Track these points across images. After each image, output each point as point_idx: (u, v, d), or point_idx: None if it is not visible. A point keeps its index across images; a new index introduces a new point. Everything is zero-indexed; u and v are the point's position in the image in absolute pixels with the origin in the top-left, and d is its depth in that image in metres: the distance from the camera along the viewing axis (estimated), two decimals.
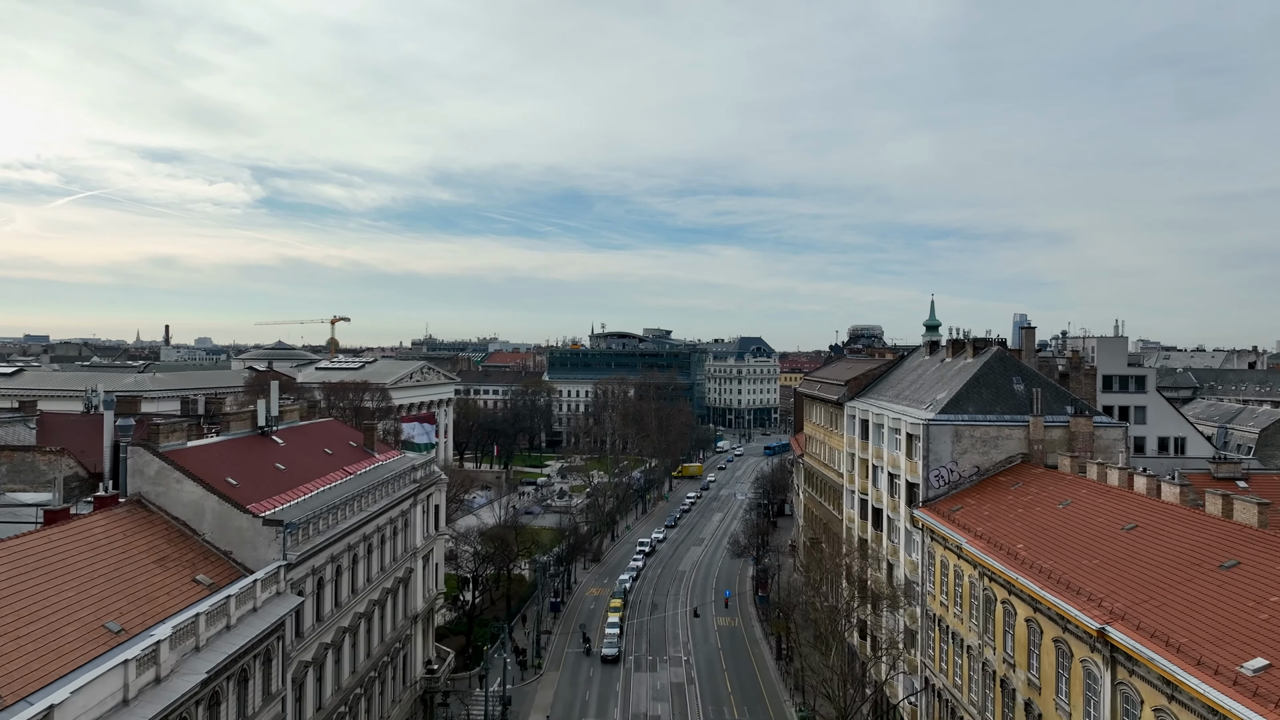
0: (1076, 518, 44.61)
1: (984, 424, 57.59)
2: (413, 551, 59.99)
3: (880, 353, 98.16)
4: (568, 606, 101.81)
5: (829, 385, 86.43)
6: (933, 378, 67.74)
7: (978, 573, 47.38)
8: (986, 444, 57.64)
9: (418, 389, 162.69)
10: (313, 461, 51.33)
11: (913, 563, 59.84)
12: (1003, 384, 60.25)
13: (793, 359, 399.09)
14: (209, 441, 44.96)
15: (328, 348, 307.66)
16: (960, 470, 57.59)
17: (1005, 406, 58.87)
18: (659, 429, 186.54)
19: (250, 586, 35.77)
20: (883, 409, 68.31)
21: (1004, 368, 61.29)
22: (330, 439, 57.14)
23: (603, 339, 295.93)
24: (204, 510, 39.09)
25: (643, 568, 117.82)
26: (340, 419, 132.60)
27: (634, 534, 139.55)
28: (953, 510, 54.05)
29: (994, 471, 57.30)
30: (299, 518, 41.30)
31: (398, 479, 57.58)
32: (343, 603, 46.94)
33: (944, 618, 53.20)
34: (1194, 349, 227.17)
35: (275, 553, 38.89)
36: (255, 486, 42.90)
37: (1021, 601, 41.43)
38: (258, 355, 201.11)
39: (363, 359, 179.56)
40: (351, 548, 48.15)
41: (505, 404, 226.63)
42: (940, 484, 57.47)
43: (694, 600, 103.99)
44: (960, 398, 59.28)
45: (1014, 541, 45.12)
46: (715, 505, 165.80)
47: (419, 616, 61.12)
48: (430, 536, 64.21)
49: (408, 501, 59.16)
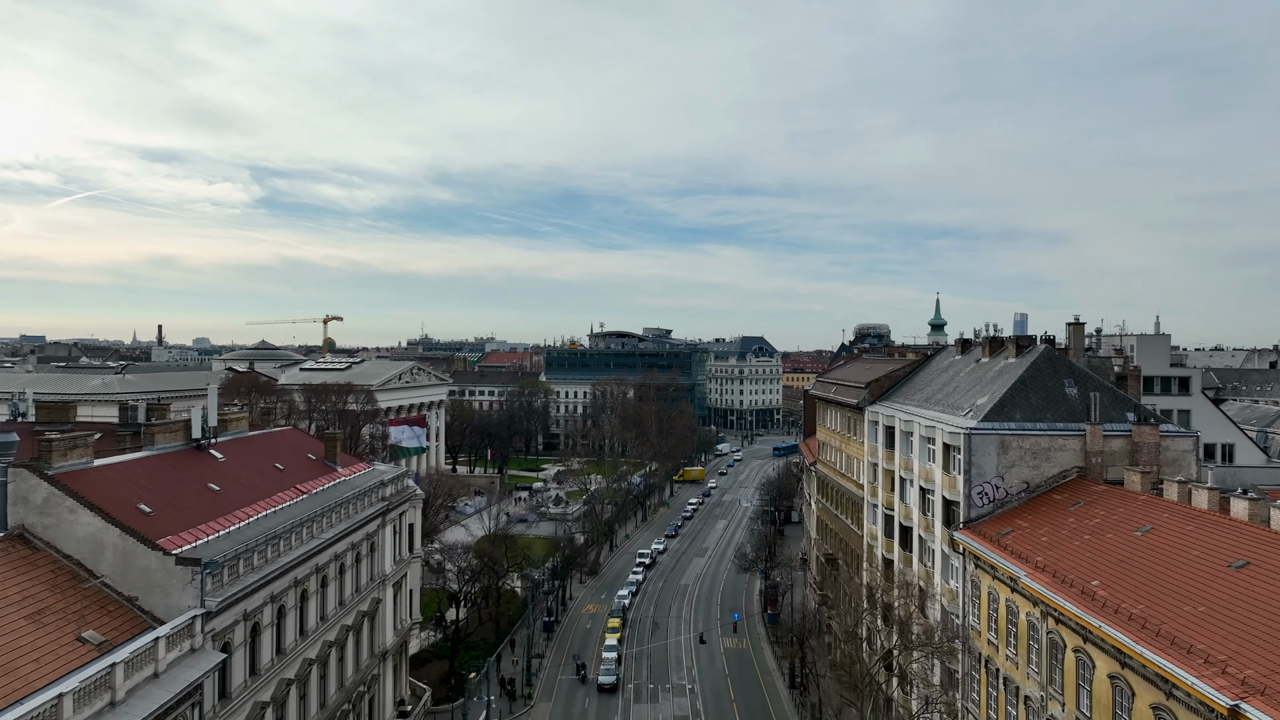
0: (1162, 549, 37.27)
1: (1035, 433, 50.22)
2: (381, 579, 52.63)
3: (899, 352, 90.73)
4: (562, 626, 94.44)
5: (846, 388, 79.05)
6: (968, 380, 60.40)
7: (1039, 611, 40.05)
8: (1037, 456, 50.29)
9: (407, 391, 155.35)
10: (258, 479, 43.99)
11: (951, 591, 52.48)
12: (1053, 387, 52.89)
13: (794, 359, 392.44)
14: (123, 459, 37.59)
15: (322, 348, 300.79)
16: (1007, 486, 50.25)
17: (1057, 413, 51.51)
18: (659, 432, 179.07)
19: (148, 647, 28.41)
20: (912, 415, 60.98)
21: (1054, 369, 53.94)
22: (284, 451, 49.75)
23: (601, 338, 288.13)
24: (103, 546, 31.74)
25: (643, 581, 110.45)
26: (323, 423, 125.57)
27: (634, 543, 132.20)
28: (1002, 534, 46.71)
29: (1046, 488, 49.94)
30: (226, 552, 33.97)
31: (363, 497, 50.25)
32: (288, 649, 39.58)
33: (993, 659, 45.86)
34: (1212, 348, 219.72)
35: (191, 598, 31.55)
36: (177, 514, 35.58)
37: (1102, 653, 34.11)
38: (239, 356, 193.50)
39: (350, 360, 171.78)
40: (300, 582, 40.79)
41: (501, 405, 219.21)
42: (984, 502, 50.13)
43: (698, 618, 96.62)
44: (1005, 403, 51.93)
45: (1086, 576, 37.81)
46: (718, 512, 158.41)
47: (389, 652, 53.73)
48: (403, 560, 56.85)
49: (375, 522, 51.80)
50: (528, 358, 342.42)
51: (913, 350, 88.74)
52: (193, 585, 31.59)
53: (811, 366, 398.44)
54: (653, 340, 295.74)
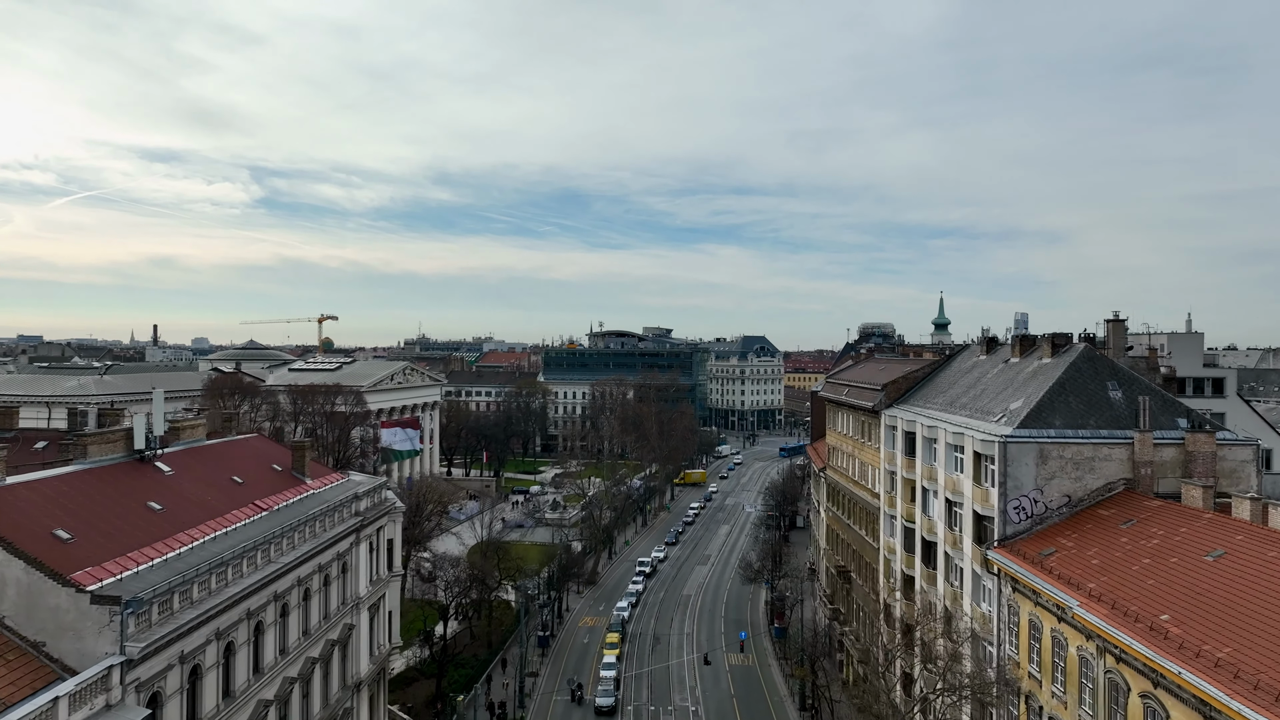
0: (1242, 579, 32.36)
1: (1077, 441, 45.31)
2: (354, 603, 47.72)
3: (914, 352, 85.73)
4: (558, 640, 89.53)
5: (860, 389, 74.11)
6: (998, 382, 55.50)
7: (1095, 646, 35.17)
8: (1080, 467, 45.39)
9: (399, 392, 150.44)
10: (211, 495, 39.07)
11: (983, 615, 47.60)
12: (1095, 390, 47.99)
13: (795, 358, 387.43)
14: (43, 476, 32.69)
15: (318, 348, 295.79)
16: (1046, 500, 45.37)
17: (1101, 419, 46.59)
18: (660, 434, 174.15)
19: (46, 709, 23.50)
20: (936, 420, 56.08)
21: (1095, 370, 49.03)
22: (245, 462, 44.83)
23: (601, 338, 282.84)
24: (4, 582, 26.87)
25: (643, 592, 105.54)
26: (311, 426, 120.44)
27: (633, 550, 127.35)
28: (1044, 554, 41.81)
29: (1090, 502, 45.03)
30: (158, 585, 29.10)
31: (333, 512, 45.35)
32: (238, 691, 34.68)
33: (1035, 695, 40.97)
34: (1226, 348, 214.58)
35: (109, 643, 26.66)
36: (103, 541, 30.68)
37: (1179, 702, 29.23)
38: (226, 356, 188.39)
39: (340, 360, 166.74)
40: (254, 614, 35.89)
41: (498, 406, 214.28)
42: (1022, 518, 45.25)
43: (701, 632, 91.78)
44: (1043, 408, 47.02)
45: (1152, 609, 32.92)
46: (721, 516, 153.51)
47: (363, 683, 48.82)
48: (381, 580, 51.92)
49: (348, 540, 46.89)
50: (526, 357, 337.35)
51: (926, 350, 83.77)
52: (111, 628, 26.71)
53: (813, 366, 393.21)
54: (653, 340, 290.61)
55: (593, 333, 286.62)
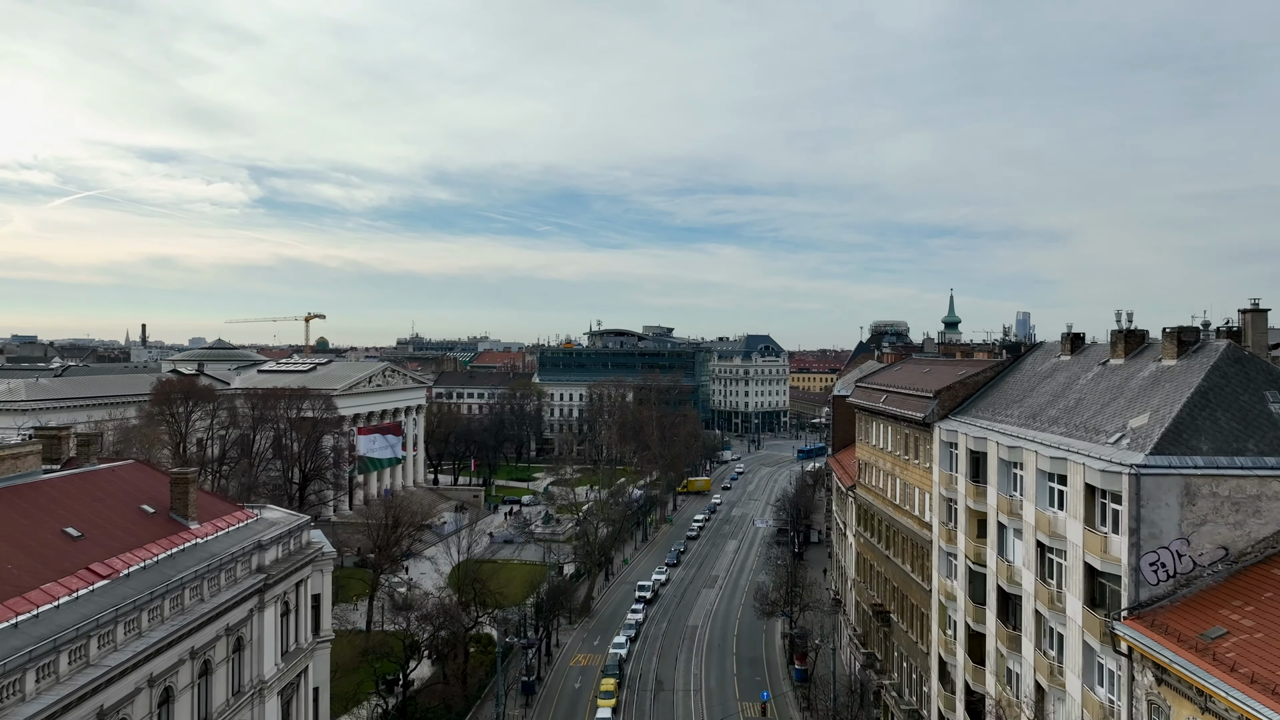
0: None
1: (1239, 474, 33.16)
2: (255, 689, 35.53)
3: (961, 351, 73.49)
4: (545, 685, 77.43)
5: (903, 396, 61.86)
6: (1098, 391, 43.31)
7: None
8: (1240, 509, 33.21)
9: (378, 395, 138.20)
10: (20, 559, 26.92)
11: (1101, 706, 35.40)
12: (1250, 403, 35.83)
13: (799, 358, 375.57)
14: None
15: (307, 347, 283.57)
16: (1194, 554, 33.19)
17: (1263, 443, 34.44)
18: (661, 439, 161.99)
19: None
20: (1019, 438, 43.93)
21: (1247, 376, 36.89)
22: (95, 505, 32.65)
23: (599, 337, 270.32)
24: None
25: (643, 622, 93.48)
26: (284, 435, 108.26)
27: (633, 570, 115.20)
28: (1208, 636, 29.66)
29: (1256, 557, 32.81)
30: None
31: (221, 570, 33.20)
32: None
33: None
34: None
35: None
36: None
37: None
38: (190, 356, 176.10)
39: (314, 361, 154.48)
40: None
41: (490, 409, 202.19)
42: (1162, 576, 33.07)
43: (710, 672, 79.73)
44: (1182, 426, 34.85)
45: None
46: (727, 530, 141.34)
47: None
48: (298, 651, 39.72)
49: (246, 606, 34.74)
50: (521, 358, 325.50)
51: (978, 349, 71.52)
52: None
53: (816, 366, 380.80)
54: (653, 339, 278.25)
55: (591, 332, 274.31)
